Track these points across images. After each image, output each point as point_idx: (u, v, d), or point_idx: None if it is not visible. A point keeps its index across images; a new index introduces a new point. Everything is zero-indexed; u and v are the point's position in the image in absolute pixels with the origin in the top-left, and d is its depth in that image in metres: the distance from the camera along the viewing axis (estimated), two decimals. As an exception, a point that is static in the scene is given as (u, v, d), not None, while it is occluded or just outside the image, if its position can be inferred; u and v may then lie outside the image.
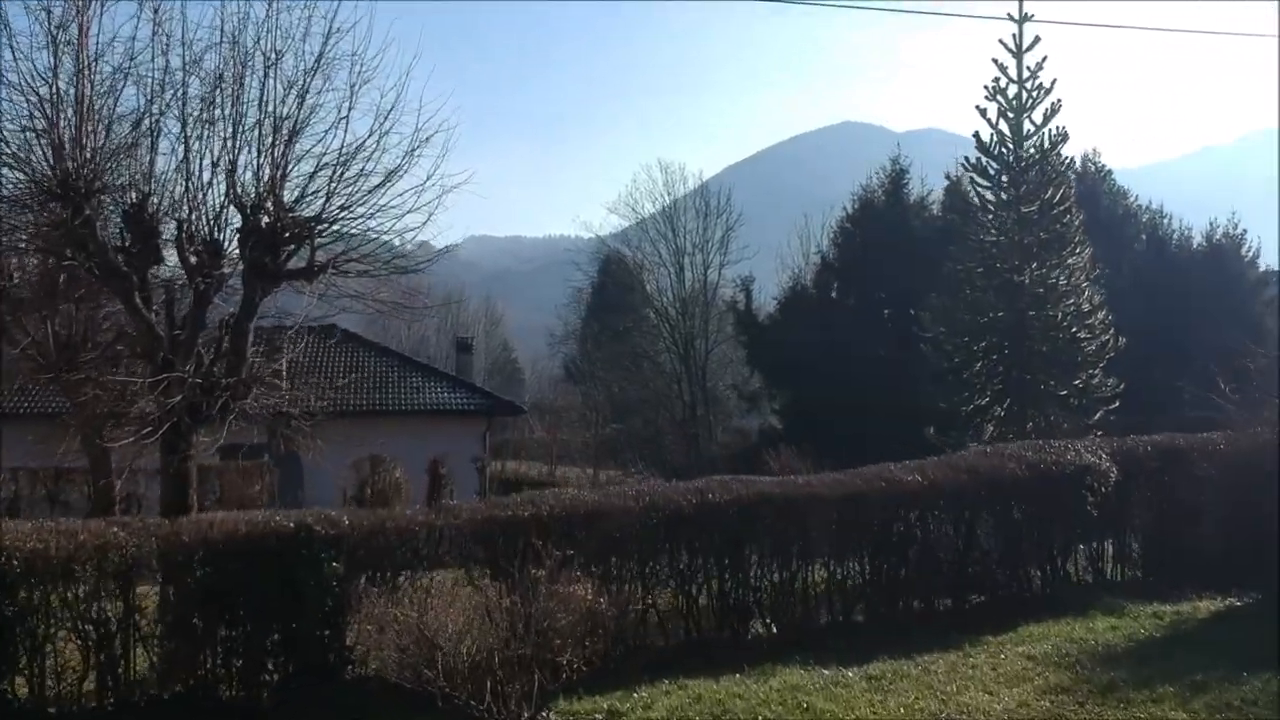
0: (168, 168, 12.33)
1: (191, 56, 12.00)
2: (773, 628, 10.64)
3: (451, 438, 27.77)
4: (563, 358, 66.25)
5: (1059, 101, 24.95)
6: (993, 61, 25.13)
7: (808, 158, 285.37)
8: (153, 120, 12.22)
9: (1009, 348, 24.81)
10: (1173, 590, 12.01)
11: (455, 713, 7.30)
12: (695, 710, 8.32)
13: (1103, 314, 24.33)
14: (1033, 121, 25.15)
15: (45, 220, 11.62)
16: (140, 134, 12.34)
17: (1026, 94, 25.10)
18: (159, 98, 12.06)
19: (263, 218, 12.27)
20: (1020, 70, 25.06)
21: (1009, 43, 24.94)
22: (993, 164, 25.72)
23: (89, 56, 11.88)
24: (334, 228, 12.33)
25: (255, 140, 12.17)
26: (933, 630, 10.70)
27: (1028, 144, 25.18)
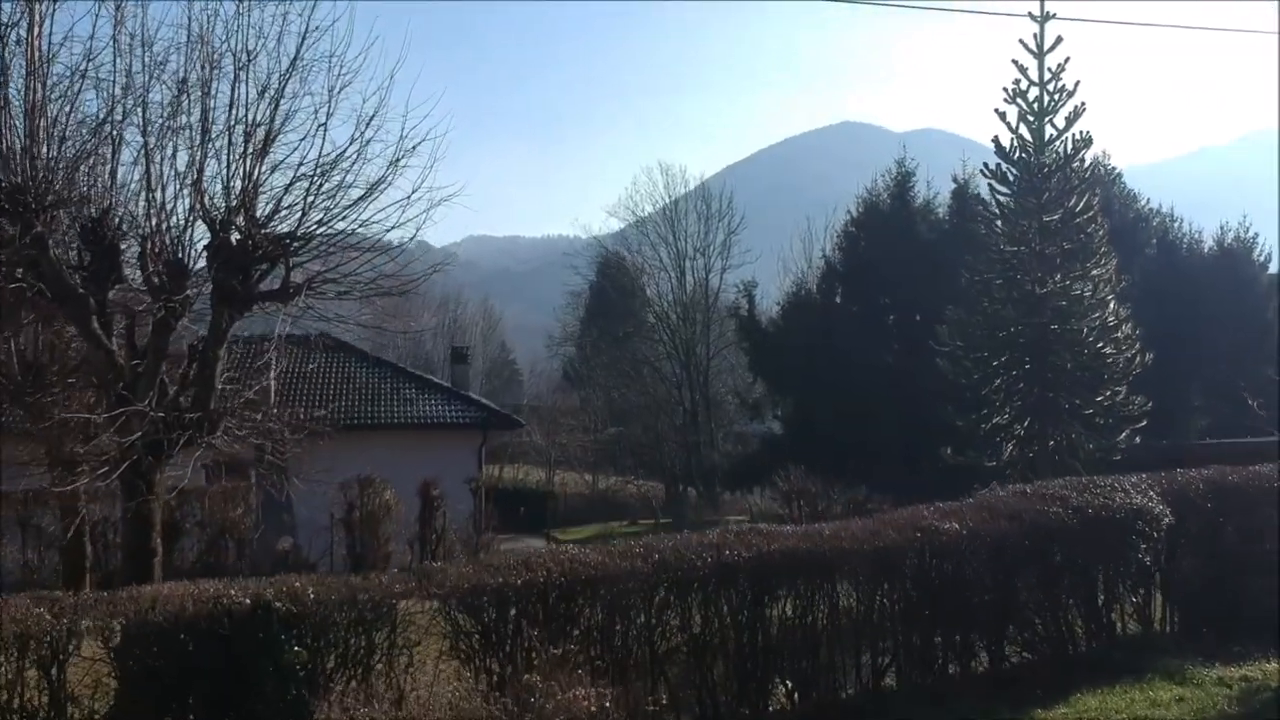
0: (129, 179, 11.32)
1: (154, 58, 10.99)
2: (795, 696, 9.58)
3: (447, 451, 26.69)
4: (561, 360, 65.22)
5: (1083, 105, 23.73)
6: (1013, 63, 24.02)
7: (807, 158, 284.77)
8: (113, 127, 11.19)
9: (1030, 363, 23.61)
10: (1228, 646, 10.92)
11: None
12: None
13: (1128, 327, 23.20)
14: (1054, 126, 23.97)
15: (-9, 237, 10.54)
16: (99, 142, 11.30)
17: (1049, 97, 23.92)
18: (120, 103, 11.03)
19: (233, 234, 11.21)
20: (1041, 72, 23.90)
21: (1029, 43, 23.82)
22: (1012, 170, 24.51)
23: (41, 56, 10.84)
24: (311, 245, 11.27)
25: (225, 149, 11.15)
26: (972, 698, 9.66)
27: (1049, 149, 24.03)
